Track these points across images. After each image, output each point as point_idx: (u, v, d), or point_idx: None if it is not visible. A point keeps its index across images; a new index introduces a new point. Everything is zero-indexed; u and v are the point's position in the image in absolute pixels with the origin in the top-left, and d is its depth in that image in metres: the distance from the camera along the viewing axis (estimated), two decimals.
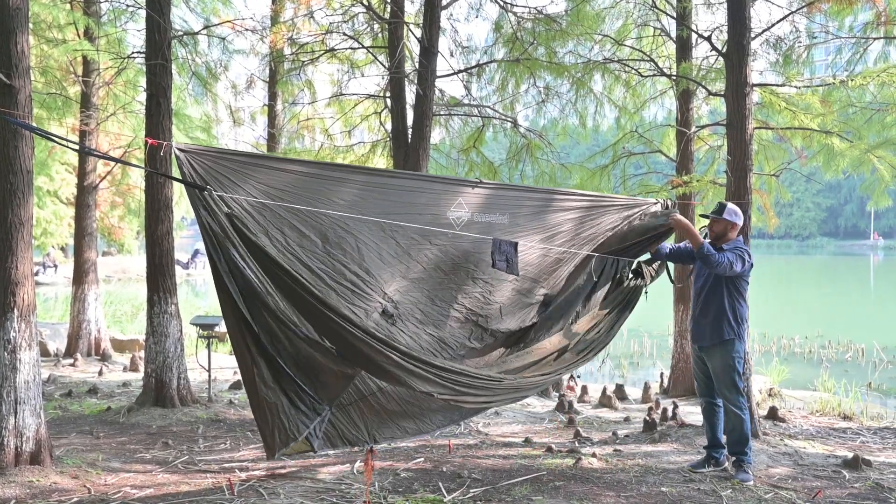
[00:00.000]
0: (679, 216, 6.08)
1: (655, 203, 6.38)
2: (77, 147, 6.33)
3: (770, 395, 10.05)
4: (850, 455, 6.23)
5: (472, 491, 5.29)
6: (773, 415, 8.08)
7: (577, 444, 6.85)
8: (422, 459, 6.18)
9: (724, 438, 5.94)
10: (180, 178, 3.99)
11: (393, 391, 5.03)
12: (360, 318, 4.51)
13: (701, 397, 6.17)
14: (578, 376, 11.27)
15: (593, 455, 6.30)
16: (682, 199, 8.57)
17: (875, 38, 8.87)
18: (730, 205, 5.94)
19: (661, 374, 11.11)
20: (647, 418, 7.56)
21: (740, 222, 5.99)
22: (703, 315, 5.92)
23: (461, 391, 4.84)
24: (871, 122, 8.90)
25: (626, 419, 8.40)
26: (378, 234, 4.84)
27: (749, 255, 5.84)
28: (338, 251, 4.64)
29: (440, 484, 5.44)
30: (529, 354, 5.70)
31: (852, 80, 7.92)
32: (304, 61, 11.11)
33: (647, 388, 10.05)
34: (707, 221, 6.14)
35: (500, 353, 5.76)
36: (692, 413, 8.35)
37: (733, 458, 5.82)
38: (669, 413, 8.08)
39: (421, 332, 5.19)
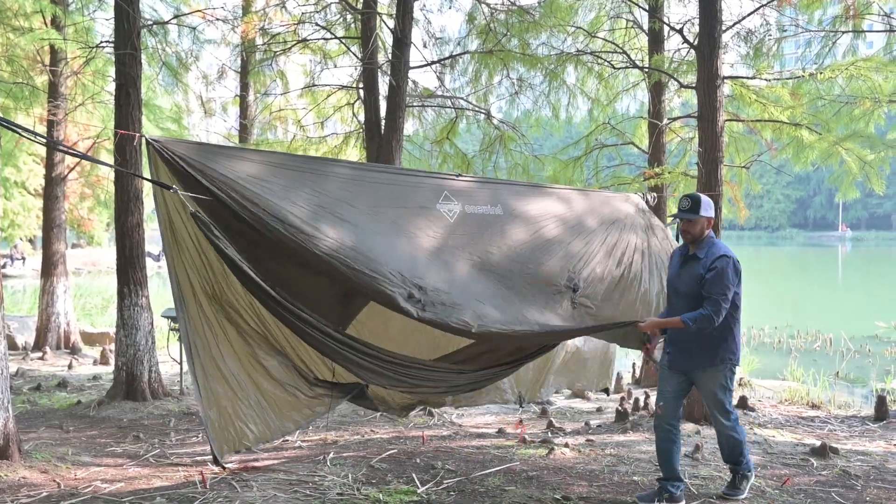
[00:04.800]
0: (645, 323, 5.02)
1: (637, 196, 6.38)
2: (45, 141, 6.16)
3: (740, 384, 10.17)
4: (818, 443, 6.33)
5: (445, 482, 5.30)
6: (742, 404, 8.18)
7: (550, 435, 6.88)
8: (395, 451, 6.18)
9: (679, 469, 5.03)
10: (147, 176, 4.00)
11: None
12: (316, 318, 4.55)
13: (662, 421, 5.02)
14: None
15: (566, 445, 6.34)
16: (653, 190, 8.63)
17: (844, 32, 8.97)
18: (703, 198, 5.00)
19: (633, 365, 11.21)
20: (619, 408, 7.62)
21: (713, 214, 5.11)
22: (690, 335, 4.88)
23: (415, 384, 4.98)
24: (839, 115, 9.01)
25: (599, 409, 8.46)
26: (363, 231, 4.77)
27: (736, 262, 4.91)
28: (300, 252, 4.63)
29: (414, 475, 5.44)
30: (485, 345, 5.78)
31: (821, 73, 8.02)
32: (276, 51, 11.02)
33: (619, 378, 10.12)
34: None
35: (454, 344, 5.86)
36: None
37: (729, 466, 5.15)
38: (641, 403, 8.15)
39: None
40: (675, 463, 4.96)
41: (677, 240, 6.34)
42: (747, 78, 8.71)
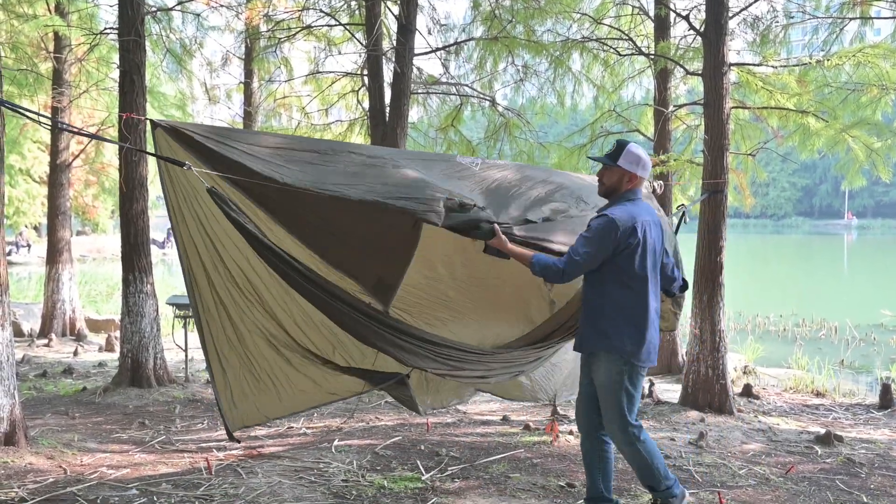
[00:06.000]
0: (495, 238, 4.15)
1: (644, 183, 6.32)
2: (49, 122, 6.18)
3: (745, 372, 10.16)
4: (823, 431, 6.33)
5: (450, 469, 5.31)
6: (747, 392, 8.19)
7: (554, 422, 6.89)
8: (400, 438, 6.20)
9: (607, 490, 4.31)
10: (157, 154, 3.93)
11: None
12: (350, 295, 4.44)
13: (580, 430, 4.39)
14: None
15: (570, 433, 6.34)
16: (659, 178, 8.60)
17: (851, 19, 8.90)
18: (631, 147, 4.19)
19: None
20: None
21: (642, 173, 4.19)
22: (581, 306, 4.30)
23: (455, 366, 4.86)
24: (846, 102, 8.96)
25: None
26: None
27: (618, 226, 3.96)
28: (324, 223, 4.59)
29: (418, 462, 5.46)
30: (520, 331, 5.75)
31: (828, 60, 7.96)
32: (280, 38, 10.98)
33: None
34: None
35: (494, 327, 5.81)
36: (668, 391, 8.43)
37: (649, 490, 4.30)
38: (646, 391, 8.15)
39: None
40: (597, 480, 4.28)
41: (677, 229, 6.28)
42: (754, 65, 8.66)
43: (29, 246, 33.15)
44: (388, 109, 8.91)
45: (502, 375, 5.65)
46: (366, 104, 9.99)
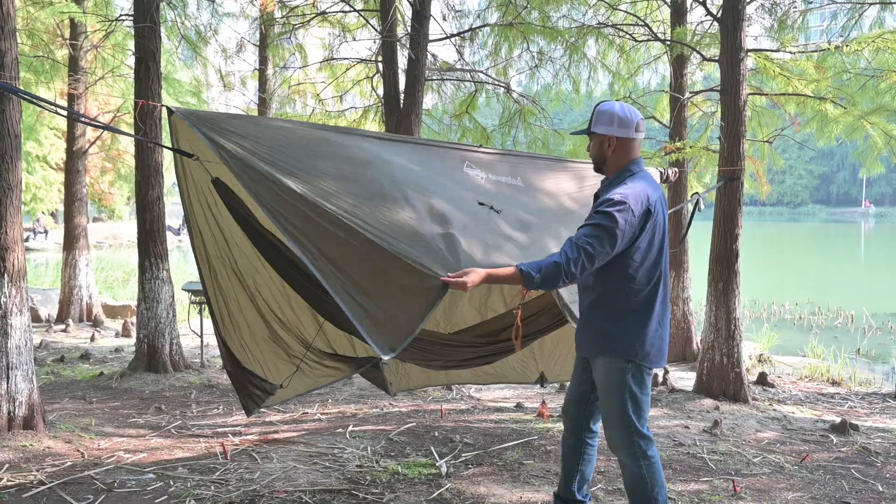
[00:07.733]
0: (470, 279, 3.30)
1: (656, 171, 6.28)
2: (61, 111, 6.27)
3: (760, 360, 10.12)
4: (838, 420, 6.30)
5: (464, 455, 5.33)
6: (762, 380, 8.16)
7: None
8: (414, 424, 6.22)
9: (580, 491, 3.86)
10: (169, 145, 3.95)
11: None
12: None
13: (564, 426, 3.88)
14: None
15: None
16: (675, 165, 8.55)
17: (870, 4, 8.80)
18: (602, 106, 3.50)
19: None
20: None
21: (622, 132, 3.45)
22: (585, 301, 3.60)
23: (431, 357, 4.93)
24: (865, 89, 8.86)
25: None
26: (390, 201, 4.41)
27: (636, 208, 3.29)
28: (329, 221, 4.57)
29: (432, 448, 5.48)
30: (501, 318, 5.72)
31: (847, 45, 7.86)
32: (294, 25, 10.96)
33: None
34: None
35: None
36: (682, 378, 8.41)
37: None
38: (660, 378, 8.13)
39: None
40: (572, 482, 3.83)
41: (691, 217, 6.23)
42: (771, 51, 8.57)
43: (46, 232, 33.37)
44: (402, 96, 8.89)
45: (477, 364, 5.66)
46: (380, 91, 9.96)
